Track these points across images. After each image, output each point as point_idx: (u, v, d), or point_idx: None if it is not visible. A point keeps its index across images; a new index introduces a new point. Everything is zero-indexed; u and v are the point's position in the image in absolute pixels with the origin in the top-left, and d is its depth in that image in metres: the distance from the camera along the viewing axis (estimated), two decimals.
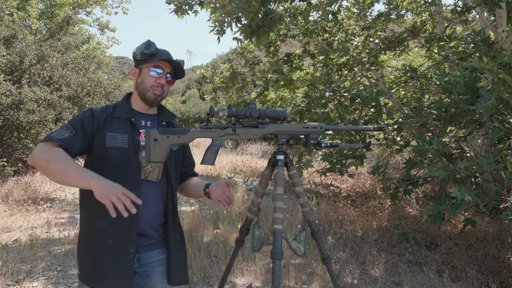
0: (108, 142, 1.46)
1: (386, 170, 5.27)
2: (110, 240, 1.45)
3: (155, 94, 1.54)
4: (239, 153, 11.39)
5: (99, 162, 1.47)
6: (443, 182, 3.45)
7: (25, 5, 12.16)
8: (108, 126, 1.49)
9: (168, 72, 1.56)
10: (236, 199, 5.44)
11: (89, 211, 1.50)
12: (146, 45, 1.51)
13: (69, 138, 1.40)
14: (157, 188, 1.54)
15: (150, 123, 1.59)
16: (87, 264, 1.49)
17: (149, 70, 1.53)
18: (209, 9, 5.58)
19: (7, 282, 3.12)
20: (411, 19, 6.99)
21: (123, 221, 1.43)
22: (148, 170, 1.50)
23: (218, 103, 7.42)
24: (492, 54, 3.04)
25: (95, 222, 1.47)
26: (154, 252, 1.56)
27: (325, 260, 1.81)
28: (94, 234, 1.47)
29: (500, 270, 3.48)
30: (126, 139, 1.48)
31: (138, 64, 1.56)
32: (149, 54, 1.50)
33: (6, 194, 5.83)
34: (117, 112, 1.54)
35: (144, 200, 1.47)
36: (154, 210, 1.53)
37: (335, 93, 4.32)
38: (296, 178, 1.70)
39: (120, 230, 1.45)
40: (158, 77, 1.53)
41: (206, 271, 3.34)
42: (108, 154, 1.46)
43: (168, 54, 1.56)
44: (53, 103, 7.49)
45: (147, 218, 1.51)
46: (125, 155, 1.47)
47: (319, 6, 4.25)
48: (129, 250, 1.45)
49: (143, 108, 1.59)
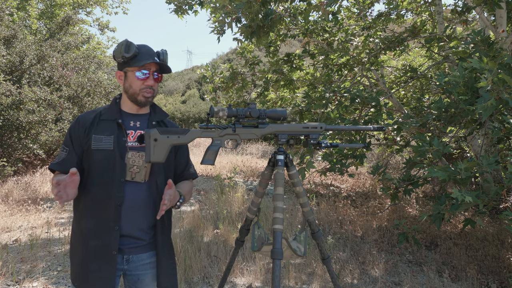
0: (94, 144, 1.47)
1: (386, 170, 5.27)
2: (93, 241, 1.46)
3: (145, 96, 1.52)
4: (239, 153, 11.39)
5: (88, 164, 1.49)
6: (443, 183, 3.46)
7: (25, 5, 12.16)
8: (94, 129, 1.50)
9: (154, 71, 1.52)
10: (236, 199, 5.44)
11: (77, 212, 1.53)
12: (125, 48, 1.46)
13: (64, 159, 1.49)
14: (144, 189, 1.51)
15: (139, 123, 1.57)
16: (74, 265, 1.52)
17: (134, 73, 1.50)
18: (209, 9, 5.58)
19: (7, 282, 3.12)
20: (411, 19, 6.98)
21: (106, 223, 1.45)
22: (134, 171, 1.49)
23: (218, 103, 7.41)
24: (492, 54, 3.04)
25: (81, 223, 1.50)
26: (145, 255, 1.55)
27: (325, 260, 1.82)
28: (80, 235, 1.50)
29: (500, 270, 3.48)
30: (112, 141, 1.48)
31: (122, 66, 1.52)
32: (130, 57, 1.47)
33: (6, 194, 5.83)
34: (105, 114, 1.54)
35: (129, 202, 1.48)
36: (142, 212, 1.51)
37: (335, 94, 4.32)
38: (296, 178, 1.70)
39: (102, 232, 1.46)
40: (145, 78, 1.50)
41: (206, 271, 3.34)
42: (94, 156, 1.47)
43: (149, 53, 1.51)
44: (53, 103, 7.49)
45: (134, 220, 1.49)
46: (110, 157, 1.46)
47: (319, 6, 4.25)
48: (111, 252, 1.45)
49: (133, 109, 1.57)
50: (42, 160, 8.23)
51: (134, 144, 1.52)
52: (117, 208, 1.45)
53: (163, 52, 1.55)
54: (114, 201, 1.45)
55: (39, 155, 7.65)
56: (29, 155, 8.00)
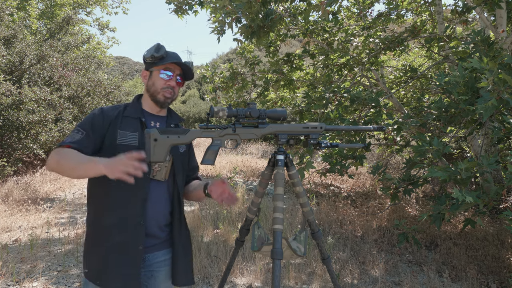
0: (119, 139, 1.48)
1: (386, 170, 5.27)
2: (117, 237, 1.45)
3: (165, 96, 1.56)
4: (239, 153, 11.39)
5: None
6: (444, 183, 3.45)
7: (25, 5, 12.16)
8: (119, 124, 1.51)
9: (177, 74, 1.59)
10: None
11: (96, 207, 1.52)
12: (156, 48, 1.53)
13: (80, 140, 1.44)
14: (164, 188, 1.55)
15: (159, 124, 1.61)
16: (94, 262, 1.49)
17: (159, 72, 1.55)
18: (209, 9, 5.58)
19: (7, 282, 3.12)
20: (411, 19, 6.98)
21: (132, 218, 1.45)
22: (156, 169, 1.52)
23: (218, 103, 7.42)
24: (492, 54, 3.04)
25: (102, 219, 1.48)
26: (160, 253, 1.57)
27: (325, 260, 1.82)
28: (102, 231, 1.48)
29: (500, 270, 3.48)
30: (137, 138, 1.50)
31: (149, 67, 1.58)
32: (159, 57, 1.53)
33: (6, 194, 5.83)
34: (128, 111, 1.56)
35: (151, 200, 1.50)
36: (161, 209, 1.54)
37: (335, 94, 4.32)
38: (296, 178, 1.70)
39: (128, 227, 1.45)
40: (168, 79, 1.55)
41: (206, 271, 3.34)
42: (118, 151, 1.44)
43: (177, 57, 1.58)
44: (53, 103, 7.49)
45: (153, 218, 1.51)
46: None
47: (319, 6, 4.25)
48: (137, 247, 1.45)
49: (154, 110, 1.61)
50: (42, 160, 8.23)
51: None
52: (143, 203, 1.46)
53: (190, 62, 1.61)
54: (140, 196, 1.46)
55: (39, 155, 7.65)
56: (29, 155, 8.00)
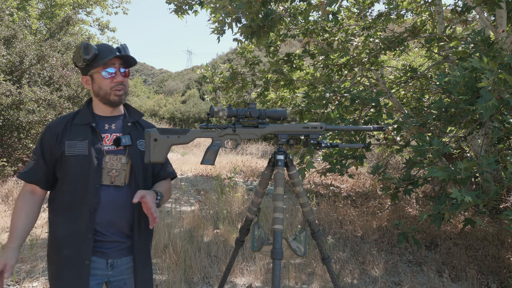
0: (67, 150, 1.43)
1: (386, 170, 5.27)
2: (66, 250, 1.42)
3: (117, 94, 1.47)
4: (239, 153, 11.39)
5: (62, 172, 1.45)
6: (443, 183, 3.45)
7: (25, 5, 12.16)
8: (67, 134, 1.45)
9: (119, 66, 1.47)
10: (236, 199, 5.44)
11: (51, 221, 1.49)
12: (84, 50, 1.42)
13: (32, 168, 1.47)
14: (124, 192, 1.47)
15: (114, 125, 1.52)
16: (49, 273, 1.49)
17: (100, 73, 1.45)
18: (209, 9, 5.58)
19: (7, 282, 3.12)
20: (411, 19, 6.99)
21: (79, 231, 1.41)
22: (113, 174, 1.44)
23: (218, 103, 7.42)
24: (492, 54, 3.04)
25: (55, 232, 1.47)
26: (129, 257, 1.52)
27: (325, 260, 1.82)
28: (55, 243, 1.46)
29: (500, 270, 3.48)
30: (86, 146, 1.43)
31: (86, 71, 1.47)
32: (92, 58, 1.42)
33: (6, 194, 5.83)
34: (78, 118, 1.50)
35: (108, 206, 1.43)
36: (122, 214, 1.46)
37: (335, 94, 4.32)
38: (296, 178, 1.70)
39: (75, 240, 1.41)
40: (112, 76, 1.45)
41: (206, 271, 3.34)
42: (68, 163, 1.43)
43: (111, 49, 1.46)
44: (53, 103, 7.48)
45: (114, 224, 1.45)
46: (85, 162, 1.42)
47: (319, 6, 4.25)
48: (83, 261, 1.40)
49: (106, 112, 1.52)
50: None
51: (111, 148, 1.47)
52: (91, 214, 1.40)
53: (123, 46, 1.50)
54: (88, 207, 1.40)
55: None
56: (29, 155, 7.99)
